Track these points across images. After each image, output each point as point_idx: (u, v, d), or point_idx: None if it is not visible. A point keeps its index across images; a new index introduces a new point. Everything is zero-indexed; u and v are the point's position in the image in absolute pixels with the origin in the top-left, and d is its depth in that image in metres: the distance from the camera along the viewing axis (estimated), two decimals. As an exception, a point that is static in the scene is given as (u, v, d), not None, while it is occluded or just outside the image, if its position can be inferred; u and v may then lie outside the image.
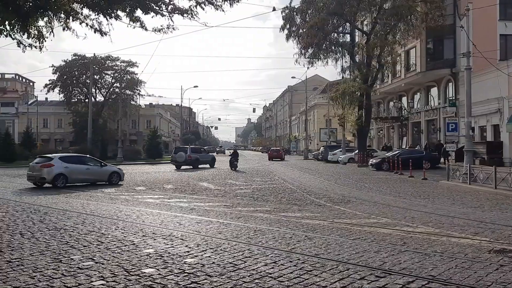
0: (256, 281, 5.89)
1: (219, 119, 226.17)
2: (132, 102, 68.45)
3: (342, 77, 44.34)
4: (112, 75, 66.89)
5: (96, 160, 22.87)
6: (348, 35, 43.35)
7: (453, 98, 35.99)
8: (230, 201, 14.88)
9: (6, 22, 7.60)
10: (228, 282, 5.84)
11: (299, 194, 16.88)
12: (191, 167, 36.03)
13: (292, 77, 65.76)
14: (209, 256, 7.16)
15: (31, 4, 8.00)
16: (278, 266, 6.58)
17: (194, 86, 79.96)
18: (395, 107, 45.95)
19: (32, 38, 8.23)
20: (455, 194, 16.73)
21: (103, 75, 66.54)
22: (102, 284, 5.76)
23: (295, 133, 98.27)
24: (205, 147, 58.29)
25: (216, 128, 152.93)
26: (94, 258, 7.05)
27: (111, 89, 66.81)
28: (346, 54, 41.97)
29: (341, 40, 42.82)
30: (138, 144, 66.09)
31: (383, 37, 36.80)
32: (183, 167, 36.10)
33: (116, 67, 66.02)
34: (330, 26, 40.12)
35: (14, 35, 7.89)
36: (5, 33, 7.57)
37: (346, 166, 38.76)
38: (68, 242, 8.26)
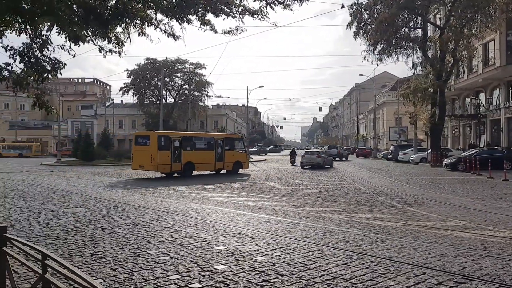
0: (328, 282, 5.83)
1: (285, 118, 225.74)
2: (200, 103, 70.47)
3: (414, 73, 42.60)
4: (181, 77, 69.35)
5: None
6: (420, 29, 41.55)
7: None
8: (298, 200, 14.83)
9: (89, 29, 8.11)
10: (299, 282, 5.82)
11: (369, 194, 16.45)
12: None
13: (360, 75, 64.22)
14: (279, 255, 7.19)
15: (110, 11, 8.45)
16: (350, 267, 6.46)
17: (260, 86, 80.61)
18: (471, 104, 43.31)
19: (111, 43, 8.72)
20: (541, 197, 15.46)
21: (173, 77, 69.16)
22: (178, 279, 5.98)
23: (363, 132, 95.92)
24: (269, 147, 58.50)
25: (281, 127, 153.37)
26: (169, 253, 7.34)
27: (181, 91, 69.27)
28: (418, 49, 40.27)
29: (412, 35, 41.17)
30: (206, 144, 67.78)
31: (458, 30, 34.86)
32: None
33: (185, 70, 68.33)
34: (401, 21, 38.72)
35: (95, 41, 8.40)
36: (87, 39, 8.08)
37: (418, 166, 37.22)
38: (144, 237, 8.67)
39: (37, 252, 3.47)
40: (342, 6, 20.91)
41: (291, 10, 7.87)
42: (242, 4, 7.67)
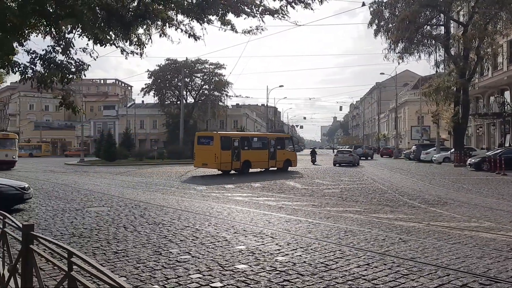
0: (349, 282, 5.78)
1: (304, 118, 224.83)
2: (220, 103, 70.74)
3: (436, 71, 41.87)
4: (201, 77, 69.69)
5: None
6: (442, 27, 40.83)
7: None
8: (318, 200, 14.76)
9: (111, 32, 8.24)
10: (321, 282, 5.80)
11: (391, 194, 16.25)
12: None
13: (381, 73, 63.40)
14: (300, 255, 7.17)
15: (132, 13, 8.57)
16: (372, 268, 6.40)
17: (280, 86, 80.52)
18: (496, 102, 42.31)
19: (133, 45, 8.84)
20: None
21: (193, 77, 69.57)
22: (199, 277, 6.03)
23: (384, 131, 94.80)
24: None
25: (301, 127, 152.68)
26: (191, 252, 7.39)
27: (201, 91, 69.65)
28: (440, 47, 39.56)
29: (434, 33, 40.43)
30: (226, 143, 67.95)
31: (482, 27, 34.09)
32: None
33: (205, 70, 68.66)
34: (422, 19, 38.08)
35: (117, 43, 8.53)
36: (110, 41, 8.20)
37: (440, 166, 36.59)
38: (166, 236, 8.76)
39: (62, 250, 3.54)
40: (363, 4, 20.74)
41: (312, 9, 7.84)
42: (262, 3, 7.68)
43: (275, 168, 30.59)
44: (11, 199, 12.46)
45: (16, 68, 7.00)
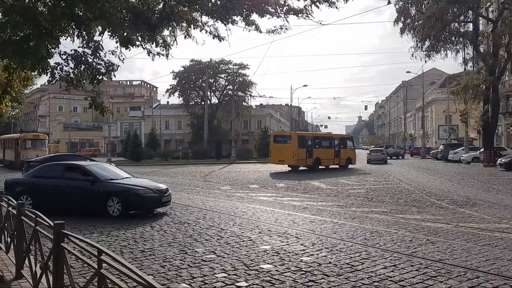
0: (376, 284, 5.72)
1: (329, 117, 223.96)
2: (244, 103, 70.86)
3: (464, 69, 40.89)
4: (225, 78, 69.98)
5: None
6: (471, 24, 39.84)
7: None
8: (343, 201, 14.64)
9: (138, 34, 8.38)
10: (346, 283, 5.75)
11: (418, 195, 15.97)
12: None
13: (407, 72, 62.15)
14: (325, 256, 7.13)
15: (158, 15, 8.69)
16: (399, 269, 6.31)
17: (304, 85, 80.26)
18: (527, 101, 41.09)
19: (159, 47, 8.97)
20: None
21: (217, 78, 69.90)
22: (224, 277, 6.07)
23: (411, 131, 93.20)
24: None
25: (325, 126, 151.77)
26: (216, 252, 7.45)
27: (225, 92, 69.90)
28: (469, 44, 38.60)
29: (462, 30, 39.49)
30: (250, 143, 68.15)
31: (512, 23, 33.15)
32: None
33: (229, 70, 68.90)
34: (450, 16, 37.26)
35: (144, 45, 8.67)
36: (137, 43, 8.35)
37: (469, 166, 35.73)
38: (191, 235, 8.85)
39: (92, 248, 3.63)
40: (389, 2, 20.45)
41: (337, 8, 7.79)
42: (286, 3, 7.67)
43: (337, 166, 33.40)
44: (149, 202, 11.51)
45: (49, 70, 7.21)
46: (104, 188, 11.40)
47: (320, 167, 31.75)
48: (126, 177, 12.64)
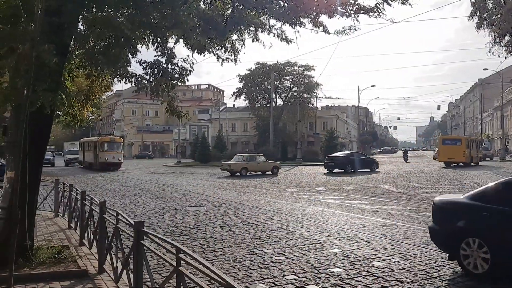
0: (454, 292, 5.45)
1: (398, 118, 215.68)
2: (310, 105, 70.38)
3: (549, 65, 37.76)
4: (290, 79, 69.92)
5: None
6: (557, 15, 36.70)
7: None
8: (416, 205, 14.07)
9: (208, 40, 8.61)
10: (422, 291, 5.53)
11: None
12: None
13: (484, 69, 58.38)
14: (398, 261, 6.90)
15: (226, 20, 8.87)
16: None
17: (371, 86, 78.18)
18: None
19: (228, 52, 9.15)
20: None
21: (283, 80, 70.02)
22: (294, 279, 6.07)
23: (488, 131, 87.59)
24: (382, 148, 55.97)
25: (394, 128, 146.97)
26: (285, 254, 7.47)
27: (290, 93, 69.85)
28: (555, 37, 35.59)
29: (547, 22, 36.50)
30: (316, 145, 67.53)
31: None
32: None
33: (294, 72, 68.74)
34: (533, 7, 34.58)
35: (216, 51, 8.89)
36: (209, 49, 8.58)
37: (556, 169, 32.92)
38: (260, 236, 8.94)
39: (170, 246, 3.79)
40: (463, -4, 19.30)
41: (410, 4, 7.50)
42: (357, 2, 7.50)
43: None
44: None
45: (133, 79, 7.64)
46: None
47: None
48: None
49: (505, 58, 42.83)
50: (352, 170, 32.27)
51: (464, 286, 5.66)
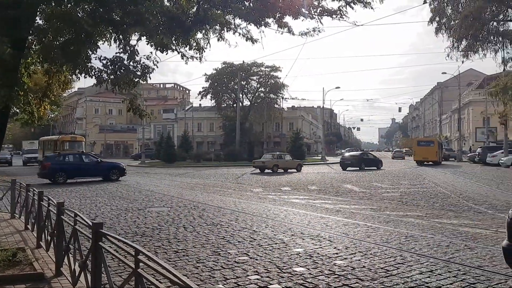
0: (412, 289, 5.59)
1: (362, 119, 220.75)
2: (276, 106, 70.84)
3: (504, 69, 39.42)
4: (257, 80, 70.13)
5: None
6: (511, 22, 38.44)
7: None
8: (377, 204, 14.39)
9: (173, 37, 8.51)
10: (381, 288, 5.65)
11: (454, 199, 15.52)
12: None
13: (443, 73, 60.62)
14: (359, 260, 7.03)
15: (191, 18, 8.79)
16: (436, 275, 6.15)
17: (336, 87, 79.96)
18: None
19: (193, 50, 9.07)
20: None
21: (249, 80, 70.13)
22: (257, 279, 6.07)
23: (446, 133, 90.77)
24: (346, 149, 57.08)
25: (358, 129, 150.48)
26: (249, 254, 7.47)
27: (257, 94, 70.06)
28: (508, 44, 37.16)
29: (501, 29, 38.11)
30: (282, 145, 68.08)
31: (556, 21, 31.81)
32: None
33: (261, 73, 68.99)
34: (488, 15, 36.05)
35: (179, 48, 8.79)
36: (173, 47, 8.47)
37: (509, 169, 34.42)
38: (224, 237, 8.90)
39: (129, 247, 3.70)
40: (424, 1, 19.95)
41: (372, 8, 7.66)
42: (320, 5, 7.60)
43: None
44: None
45: (93, 73, 7.44)
46: None
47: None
48: None
49: (462, 62, 44.40)
50: (366, 168, 35.97)
51: (422, 283, 5.81)
